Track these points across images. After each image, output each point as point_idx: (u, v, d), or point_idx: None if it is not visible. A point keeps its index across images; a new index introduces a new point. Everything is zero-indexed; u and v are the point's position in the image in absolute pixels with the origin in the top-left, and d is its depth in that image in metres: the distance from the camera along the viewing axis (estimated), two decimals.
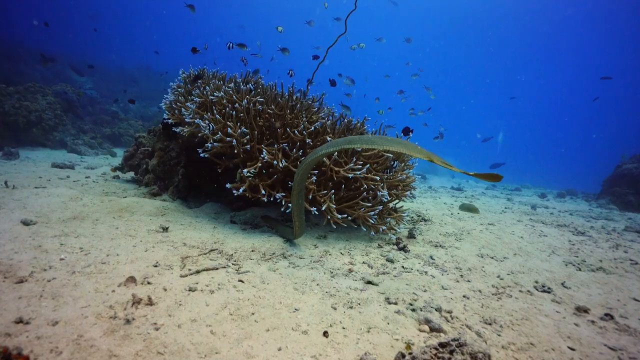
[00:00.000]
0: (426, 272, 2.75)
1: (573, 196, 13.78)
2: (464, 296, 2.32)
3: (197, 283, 2.14)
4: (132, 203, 3.90)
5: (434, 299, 2.22)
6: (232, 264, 2.56)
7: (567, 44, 62.12)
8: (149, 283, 2.08)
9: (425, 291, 2.34)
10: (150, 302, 1.83)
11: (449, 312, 2.03)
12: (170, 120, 4.07)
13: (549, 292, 2.62)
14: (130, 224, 3.30)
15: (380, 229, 3.51)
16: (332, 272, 2.58)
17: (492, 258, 3.36)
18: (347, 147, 2.15)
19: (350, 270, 2.64)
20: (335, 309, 1.97)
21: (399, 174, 3.90)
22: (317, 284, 2.31)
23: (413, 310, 2.00)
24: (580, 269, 3.27)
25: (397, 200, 3.97)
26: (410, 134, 4.80)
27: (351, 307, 2.01)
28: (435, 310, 2.01)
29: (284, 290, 2.15)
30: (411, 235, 3.78)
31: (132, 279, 2.08)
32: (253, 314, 1.82)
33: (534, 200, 10.69)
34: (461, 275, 2.77)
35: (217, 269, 2.44)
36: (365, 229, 3.49)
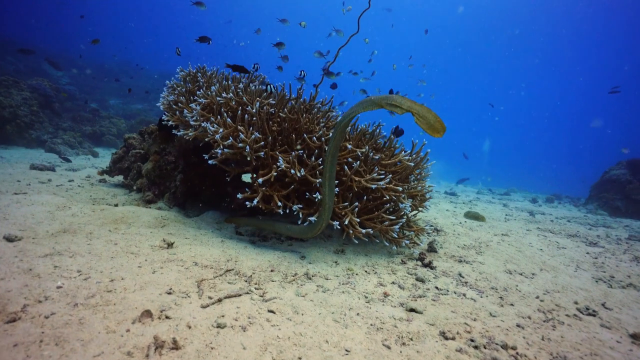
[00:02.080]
0: (464, 295, 2.52)
1: (560, 200, 13.99)
2: (517, 325, 2.10)
3: (223, 316, 1.84)
4: (127, 213, 3.54)
5: (489, 330, 1.99)
6: (255, 289, 2.27)
7: (556, 53, 64.08)
8: (167, 317, 1.77)
9: (475, 320, 2.12)
10: (175, 346, 1.52)
11: (514, 348, 1.81)
12: (170, 122, 3.72)
13: (594, 315, 2.45)
14: (130, 238, 2.95)
15: (403, 243, 3.28)
16: (366, 297, 2.32)
17: (521, 275, 3.18)
18: (340, 128, 2.26)
19: (385, 295, 2.39)
20: (389, 347, 1.71)
21: (419, 184, 3.69)
22: (357, 314, 2.05)
23: (475, 347, 1.77)
24: (611, 286, 3.13)
25: (415, 212, 3.76)
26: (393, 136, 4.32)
27: (404, 344, 1.76)
28: (501, 347, 1.78)
29: (324, 324, 1.88)
30: (432, 249, 3.56)
31: (147, 313, 1.77)
32: (300, 358, 1.54)
33: (527, 206, 10.73)
34: (501, 298, 2.56)
35: (239, 295, 2.15)
36: (387, 244, 3.25)
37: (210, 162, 3.20)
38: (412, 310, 2.15)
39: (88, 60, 23.56)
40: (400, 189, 3.26)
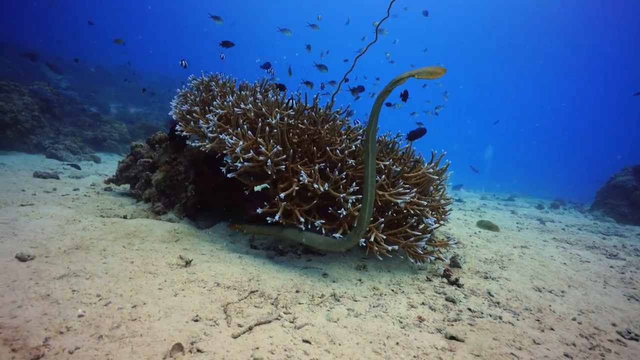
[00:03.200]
0: (500, 318, 2.41)
1: (564, 206, 13.94)
2: (565, 355, 1.99)
3: (257, 348, 1.72)
4: (140, 227, 3.41)
5: None
6: (284, 314, 2.15)
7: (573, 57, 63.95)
8: (199, 351, 1.65)
9: (520, 349, 2.01)
10: None
11: None
12: (184, 133, 3.60)
13: (637, 340, 2.34)
14: (145, 255, 2.82)
15: (428, 259, 3.17)
16: (401, 322, 2.21)
17: (550, 292, 3.07)
18: (374, 110, 2.19)
19: (420, 319, 2.27)
20: None
21: (441, 198, 3.58)
22: (397, 343, 1.93)
23: None
24: None
25: (437, 225, 3.65)
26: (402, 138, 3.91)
27: None
28: None
29: (365, 356, 1.76)
30: (455, 264, 3.45)
31: (178, 347, 1.64)
32: None
33: (535, 213, 10.66)
34: (537, 320, 2.45)
35: (269, 322, 2.02)
36: (412, 260, 3.13)
37: (228, 175, 3.08)
38: (452, 338, 2.04)
39: (85, 64, 23.29)
40: (425, 203, 3.16)
